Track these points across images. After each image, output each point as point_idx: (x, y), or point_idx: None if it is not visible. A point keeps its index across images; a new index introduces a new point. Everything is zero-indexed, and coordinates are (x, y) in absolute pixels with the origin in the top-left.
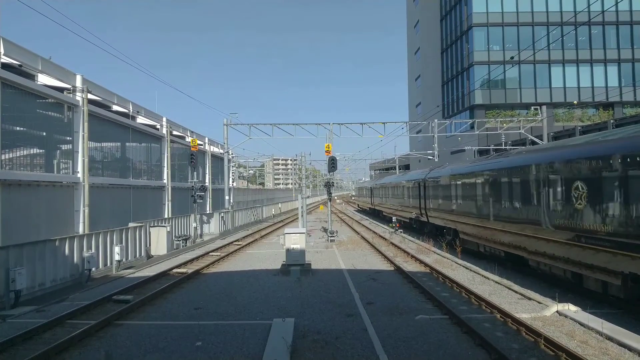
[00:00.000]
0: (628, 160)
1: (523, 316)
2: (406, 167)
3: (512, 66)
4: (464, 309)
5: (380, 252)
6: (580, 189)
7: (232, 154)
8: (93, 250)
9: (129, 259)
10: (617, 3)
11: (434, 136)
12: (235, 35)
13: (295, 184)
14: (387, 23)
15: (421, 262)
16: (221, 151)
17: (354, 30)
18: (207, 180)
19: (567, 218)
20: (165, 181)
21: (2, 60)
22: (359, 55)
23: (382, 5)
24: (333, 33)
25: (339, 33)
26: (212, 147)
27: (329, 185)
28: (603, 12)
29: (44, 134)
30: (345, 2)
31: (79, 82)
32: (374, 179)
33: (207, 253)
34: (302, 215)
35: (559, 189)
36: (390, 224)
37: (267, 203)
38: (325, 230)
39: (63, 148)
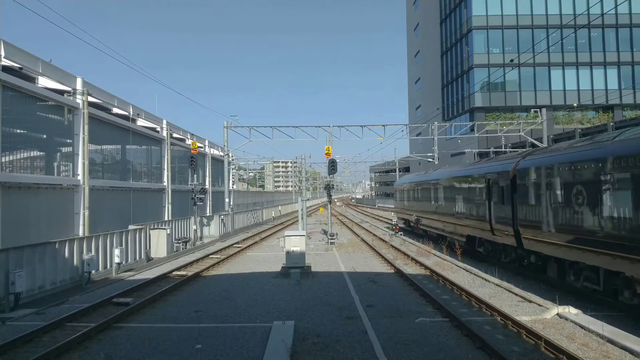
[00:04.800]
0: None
1: (523, 319)
2: (406, 170)
3: (512, 69)
4: (464, 311)
5: (380, 254)
6: None
7: (232, 156)
8: (93, 253)
9: (129, 261)
10: (616, 6)
11: (434, 139)
12: (235, 38)
13: (295, 187)
14: (387, 26)
15: (421, 264)
16: (221, 154)
17: (354, 32)
18: (207, 183)
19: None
20: (165, 184)
21: (3, 63)
22: (359, 57)
23: (381, 7)
24: (333, 35)
25: (339, 35)
26: (212, 149)
27: (329, 188)
28: (602, 15)
29: (44, 136)
30: (345, 4)
31: (79, 85)
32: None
33: (207, 255)
34: (302, 218)
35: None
36: (391, 226)
37: (267, 205)
38: (325, 232)
39: (63, 150)
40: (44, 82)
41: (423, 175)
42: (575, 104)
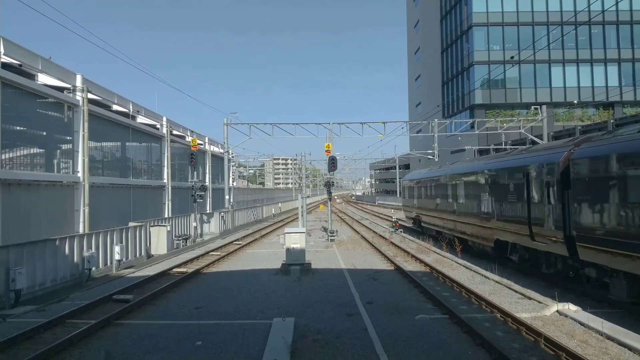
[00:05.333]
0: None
1: (523, 316)
2: (406, 167)
3: (512, 66)
4: (464, 308)
5: (380, 251)
6: None
7: (232, 153)
8: (93, 250)
9: (129, 258)
10: (617, 3)
11: (434, 136)
12: (235, 36)
13: (295, 184)
14: (387, 23)
15: (421, 261)
16: (221, 151)
17: (354, 30)
18: (207, 180)
19: None
20: (165, 181)
21: (3, 60)
22: (359, 55)
23: (382, 7)
24: (333, 34)
25: (339, 33)
26: (212, 146)
27: (329, 185)
28: (603, 11)
29: (44, 133)
30: (345, 3)
31: (79, 82)
32: None
33: (207, 252)
34: (302, 215)
35: None
36: (391, 223)
37: (267, 203)
38: (325, 229)
39: (63, 148)
40: (43, 79)
41: (437, 169)
42: (575, 101)
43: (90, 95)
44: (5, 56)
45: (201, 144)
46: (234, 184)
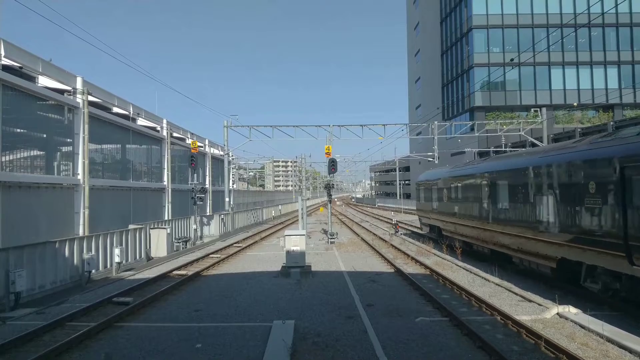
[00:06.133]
0: None
1: (523, 318)
2: (406, 169)
3: (512, 68)
4: (464, 311)
5: (380, 254)
6: None
7: (232, 155)
8: (93, 252)
9: (129, 260)
10: (617, 5)
11: (434, 138)
12: (235, 36)
13: (295, 186)
14: (387, 25)
15: (421, 264)
16: (221, 153)
17: (354, 31)
18: (207, 182)
19: None
20: (165, 183)
21: (3, 62)
22: (359, 57)
23: (382, 6)
24: (333, 33)
25: (340, 33)
26: (212, 149)
27: (329, 187)
28: (603, 14)
29: (45, 135)
30: (345, 3)
31: (79, 84)
32: None
33: (207, 255)
34: (302, 217)
35: None
36: (391, 226)
37: (267, 205)
38: (325, 232)
39: (63, 150)
40: (44, 81)
41: (466, 167)
42: (575, 104)
43: (90, 98)
44: (5, 58)
45: (201, 146)
46: (234, 186)
